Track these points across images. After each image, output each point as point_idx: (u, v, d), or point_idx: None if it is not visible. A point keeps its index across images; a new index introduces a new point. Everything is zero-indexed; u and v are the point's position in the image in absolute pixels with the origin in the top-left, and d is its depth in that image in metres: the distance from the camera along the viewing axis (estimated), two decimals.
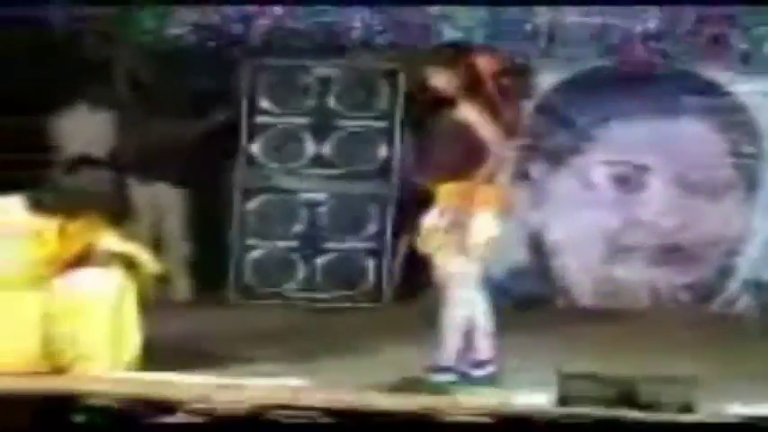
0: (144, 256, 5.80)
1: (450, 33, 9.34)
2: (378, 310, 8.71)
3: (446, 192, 5.91)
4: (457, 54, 6.14)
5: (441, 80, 6.02)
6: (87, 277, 5.63)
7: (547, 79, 9.08)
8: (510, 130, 6.05)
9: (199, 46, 9.49)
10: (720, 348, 7.30)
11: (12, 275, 5.63)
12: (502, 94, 5.98)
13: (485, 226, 5.92)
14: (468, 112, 5.92)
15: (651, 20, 9.10)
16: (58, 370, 5.66)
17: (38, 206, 5.68)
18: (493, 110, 5.95)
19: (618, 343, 7.35)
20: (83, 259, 5.70)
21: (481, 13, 9.33)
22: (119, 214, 5.77)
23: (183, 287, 8.89)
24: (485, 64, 6.02)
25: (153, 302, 7.99)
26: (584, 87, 9.25)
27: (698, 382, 5.16)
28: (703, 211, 9.06)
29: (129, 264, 5.71)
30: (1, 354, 5.57)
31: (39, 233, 5.67)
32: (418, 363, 6.07)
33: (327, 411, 4.93)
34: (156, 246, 8.33)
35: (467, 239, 5.87)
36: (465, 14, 9.34)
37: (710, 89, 9.06)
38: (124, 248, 5.77)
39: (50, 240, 5.67)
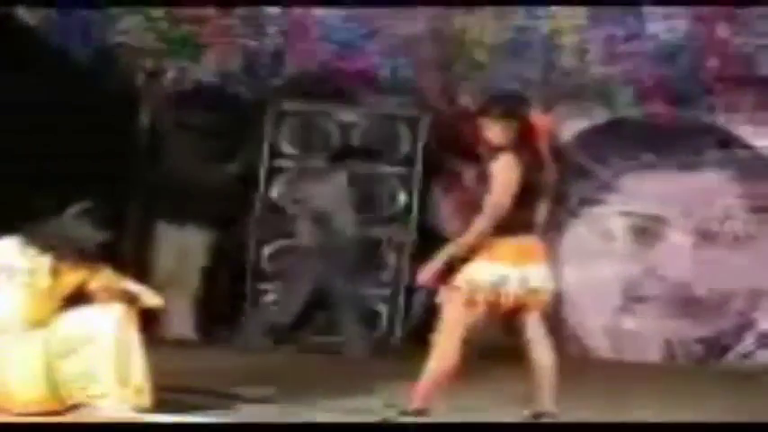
0: (143, 291, 5.79)
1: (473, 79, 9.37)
2: (389, 355, 8.69)
3: (492, 245, 5.87)
4: (515, 106, 6.13)
5: (494, 131, 5.99)
6: (87, 314, 5.62)
7: (567, 129, 9.09)
8: (549, 186, 6.03)
9: (222, 91, 9.53)
10: (734, 402, 7.23)
11: (11, 316, 5.64)
12: (549, 151, 5.98)
13: (538, 279, 5.90)
14: (512, 165, 5.87)
15: (672, 73, 9.10)
16: (70, 409, 5.65)
17: (30, 244, 5.69)
18: (538, 165, 5.94)
19: (628, 394, 7.30)
20: (82, 297, 5.70)
21: (504, 61, 9.35)
22: (95, 261, 5.73)
23: (188, 326, 8.92)
24: (539, 120, 6.02)
25: (164, 342, 8.13)
26: (604, 138, 9.26)
27: None
28: (721, 264, 9.04)
29: (130, 299, 5.70)
30: (12, 396, 5.57)
31: (32, 272, 5.68)
32: None
33: None
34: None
35: (521, 292, 5.85)
36: (486, 60, 9.36)
37: (729, 142, 9.06)
38: (122, 284, 5.77)
39: (44, 278, 5.68)
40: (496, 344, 7.37)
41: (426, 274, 5.86)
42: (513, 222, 5.86)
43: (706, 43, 8.88)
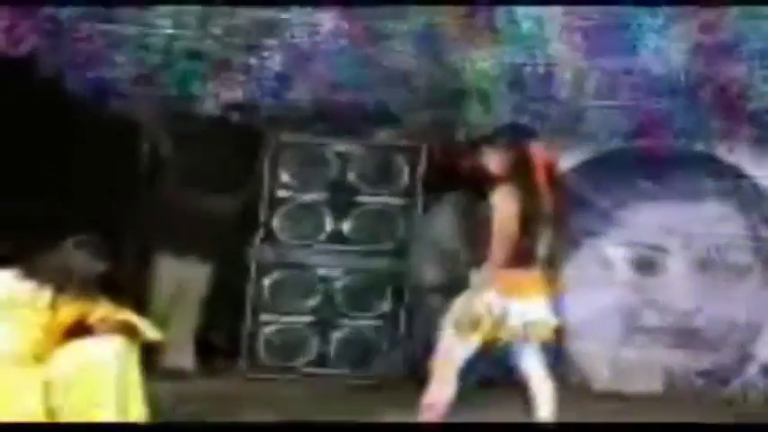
0: (143, 324, 5.79)
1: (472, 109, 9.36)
2: (388, 389, 8.67)
3: (488, 276, 5.87)
4: (515, 137, 6.17)
5: (493, 161, 6.02)
6: (87, 347, 5.61)
7: (566, 160, 9.09)
8: (548, 218, 6.05)
9: (222, 121, 9.52)
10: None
11: (10, 349, 5.63)
12: (547, 184, 6.00)
13: (538, 312, 5.91)
14: (511, 195, 5.89)
15: (671, 102, 9.11)
16: None
17: (30, 276, 5.68)
18: (536, 197, 5.95)
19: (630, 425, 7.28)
20: (81, 329, 5.69)
21: (502, 93, 9.34)
22: (94, 293, 5.72)
23: (188, 358, 8.90)
24: (538, 152, 6.04)
25: (164, 373, 8.13)
26: (604, 168, 9.26)
27: None
28: (721, 295, 9.03)
29: (129, 332, 5.69)
30: None
31: (32, 304, 5.67)
32: None
33: None
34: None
35: (520, 326, 5.86)
36: (486, 90, 9.35)
37: (729, 172, 9.07)
38: (122, 317, 5.76)
39: (43, 311, 5.67)
40: (495, 374, 7.39)
41: (459, 311, 5.88)
42: (513, 255, 5.87)
43: (703, 75, 8.89)
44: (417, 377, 8.59)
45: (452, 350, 5.93)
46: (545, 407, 6.04)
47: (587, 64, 8.95)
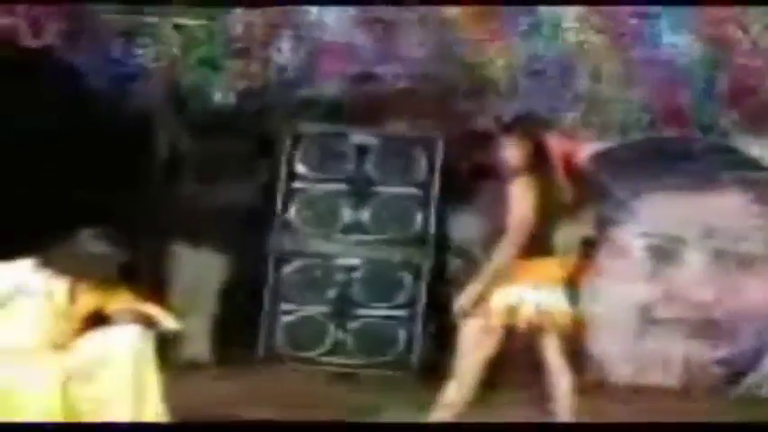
0: (161, 314, 5.80)
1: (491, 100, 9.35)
2: (404, 379, 8.67)
3: (504, 265, 5.88)
4: (532, 127, 6.17)
5: (511, 152, 6.03)
6: (104, 338, 5.62)
7: (584, 150, 9.06)
8: (567, 208, 6.06)
9: (239, 112, 9.54)
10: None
11: (29, 338, 5.64)
12: (564, 173, 6.00)
13: (554, 301, 5.92)
14: (528, 186, 5.90)
15: (689, 93, 9.09)
16: None
17: (47, 266, 5.69)
18: (554, 187, 5.96)
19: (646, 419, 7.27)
20: (99, 319, 5.71)
21: (521, 84, 9.34)
22: (112, 282, 5.73)
23: (204, 349, 8.92)
24: (556, 142, 6.05)
25: (180, 364, 8.15)
26: (622, 159, 9.24)
27: None
28: (739, 286, 9.00)
29: (148, 322, 5.71)
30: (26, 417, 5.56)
31: (49, 294, 5.69)
32: None
33: None
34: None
35: (537, 315, 5.87)
36: (505, 81, 9.34)
37: (747, 163, 9.05)
38: (140, 307, 5.77)
39: (61, 300, 5.69)
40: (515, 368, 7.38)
41: (466, 298, 5.88)
42: (530, 245, 5.88)
43: (722, 67, 8.87)
44: (433, 372, 8.74)
45: (474, 345, 5.93)
46: (563, 399, 6.03)
47: (606, 55, 8.94)
